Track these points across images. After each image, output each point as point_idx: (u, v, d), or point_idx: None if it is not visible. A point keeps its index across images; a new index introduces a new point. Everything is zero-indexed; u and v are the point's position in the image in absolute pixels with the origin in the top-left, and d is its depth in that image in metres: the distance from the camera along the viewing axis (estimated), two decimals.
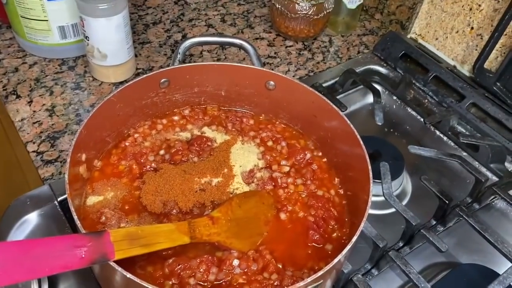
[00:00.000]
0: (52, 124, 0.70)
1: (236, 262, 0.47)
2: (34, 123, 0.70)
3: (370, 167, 0.48)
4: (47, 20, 0.74)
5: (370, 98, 0.81)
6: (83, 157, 0.50)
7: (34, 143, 0.68)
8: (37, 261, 0.31)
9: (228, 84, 0.60)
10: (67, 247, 0.34)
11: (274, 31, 0.92)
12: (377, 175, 0.62)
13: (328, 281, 0.45)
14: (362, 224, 0.42)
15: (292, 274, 0.47)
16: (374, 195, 0.66)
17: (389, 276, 0.59)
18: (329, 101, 0.55)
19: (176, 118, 0.60)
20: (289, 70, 0.84)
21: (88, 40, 0.72)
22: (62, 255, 0.33)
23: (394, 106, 0.82)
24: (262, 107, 0.62)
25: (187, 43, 0.61)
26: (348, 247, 0.40)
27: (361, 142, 0.51)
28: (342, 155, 0.56)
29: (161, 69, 0.55)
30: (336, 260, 0.39)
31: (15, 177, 0.82)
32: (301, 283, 0.37)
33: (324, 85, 0.80)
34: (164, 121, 0.60)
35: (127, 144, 0.57)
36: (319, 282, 0.39)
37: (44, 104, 0.73)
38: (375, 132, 0.78)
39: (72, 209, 0.41)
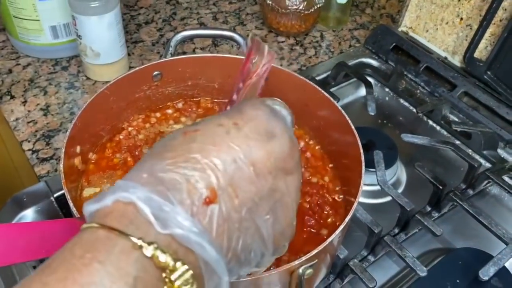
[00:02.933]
0: (47, 123, 0.71)
1: None
2: (28, 122, 0.71)
3: (361, 150, 0.48)
4: (38, 20, 0.75)
5: (362, 91, 0.81)
6: (78, 149, 0.50)
7: (29, 141, 0.68)
8: (33, 244, 0.32)
9: (221, 76, 0.60)
10: (63, 230, 0.34)
11: (266, 27, 0.93)
12: (371, 164, 0.62)
13: (323, 262, 0.45)
14: (355, 205, 0.42)
15: (288, 259, 0.47)
16: (368, 184, 0.67)
17: (385, 263, 0.59)
18: (320, 89, 0.55)
19: (169, 111, 0.61)
20: (281, 65, 0.85)
21: (81, 39, 0.72)
22: (59, 237, 0.33)
23: (387, 98, 0.82)
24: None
25: (179, 36, 0.61)
26: (342, 226, 0.40)
27: (353, 128, 0.51)
28: (335, 142, 0.56)
29: (154, 62, 0.56)
30: (330, 239, 0.39)
31: (9, 176, 0.82)
32: (296, 262, 0.38)
33: (316, 78, 0.80)
34: (158, 114, 0.60)
35: (121, 137, 0.57)
36: (314, 262, 0.39)
37: (38, 104, 0.74)
38: (368, 124, 0.78)
39: (67, 196, 0.41)
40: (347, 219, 0.41)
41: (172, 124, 0.60)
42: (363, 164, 0.47)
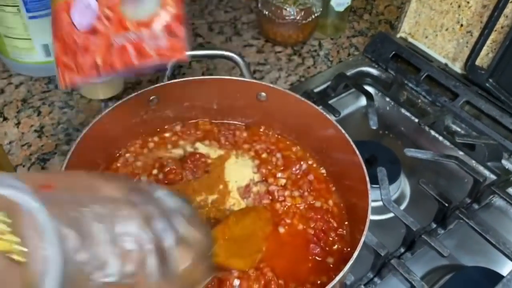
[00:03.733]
0: (42, 146, 0.69)
1: (236, 282, 0.46)
2: (23, 145, 0.69)
3: (367, 178, 0.47)
4: (30, 39, 0.73)
5: (363, 101, 0.80)
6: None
7: (24, 166, 0.66)
8: None
9: (219, 97, 0.59)
10: None
11: (262, 37, 0.91)
12: (374, 180, 0.61)
13: None
14: (363, 239, 0.41)
15: None
16: (372, 201, 0.65)
17: (392, 283, 0.58)
18: (321, 110, 0.54)
19: (167, 135, 0.59)
20: (279, 77, 0.83)
21: None
22: None
23: (388, 108, 0.81)
24: (255, 119, 0.61)
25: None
26: (349, 264, 0.39)
27: (356, 150, 0.50)
28: (339, 164, 0.55)
29: (150, 87, 0.54)
30: (338, 278, 0.38)
31: None
32: None
33: (315, 90, 0.79)
34: (156, 138, 0.59)
35: (118, 165, 0.55)
36: None
37: (32, 125, 0.72)
38: (370, 136, 0.77)
39: None
40: (355, 253, 0.40)
41: (171, 149, 0.58)
42: (370, 197, 0.46)
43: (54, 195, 0.28)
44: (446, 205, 0.60)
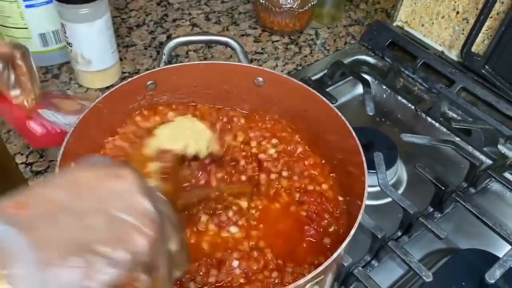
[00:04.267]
0: None
1: (235, 262, 0.46)
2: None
3: (364, 158, 0.47)
4: (26, 28, 0.73)
5: (360, 89, 0.80)
6: (72, 165, 0.49)
7: (22, 154, 0.66)
8: None
9: (216, 83, 0.59)
10: None
11: (259, 26, 0.91)
12: (371, 165, 0.61)
13: (329, 276, 0.44)
14: (359, 219, 0.41)
15: (292, 270, 0.47)
16: (369, 186, 0.65)
17: (389, 266, 0.59)
18: (318, 94, 0.54)
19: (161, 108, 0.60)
20: (277, 65, 0.83)
21: (71, 46, 0.71)
22: None
23: (384, 95, 0.81)
24: (253, 104, 0.61)
25: (172, 43, 0.60)
26: (346, 242, 0.39)
27: (353, 133, 0.50)
28: (335, 148, 0.55)
29: (147, 72, 0.54)
30: (334, 256, 0.38)
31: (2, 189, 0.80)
32: (302, 281, 0.37)
33: (313, 78, 0.79)
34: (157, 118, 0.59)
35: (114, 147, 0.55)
36: (320, 278, 0.38)
37: None
38: (367, 123, 0.77)
39: None
40: (351, 232, 0.40)
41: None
42: (366, 174, 0.46)
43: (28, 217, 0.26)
44: (443, 188, 0.60)
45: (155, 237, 0.28)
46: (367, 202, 0.65)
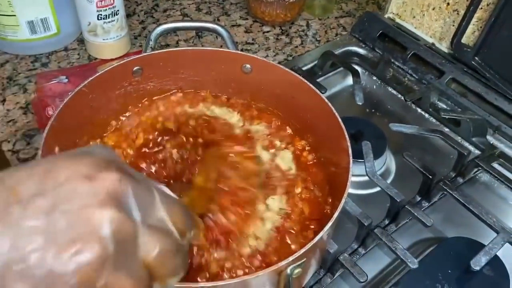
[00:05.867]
0: (27, 122, 0.69)
1: None
2: (8, 121, 0.68)
3: (348, 142, 0.47)
4: (14, 15, 0.72)
5: (350, 80, 0.80)
6: (56, 150, 0.49)
7: (9, 142, 0.66)
8: None
9: (203, 70, 0.59)
10: None
11: (250, 17, 0.91)
12: (359, 155, 0.61)
13: (312, 260, 0.44)
14: (342, 202, 0.41)
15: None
16: (357, 175, 0.66)
17: (376, 255, 0.59)
18: (305, 81, 0.54)
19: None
20: (267, 56, 0.83)
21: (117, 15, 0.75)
22: None
23: (374, 87, 0.81)
24: (240, 92, 0.61)
25: (159, 29, 0.59)
26: (328, 225, 0.39)
27: (339, 119, 0.50)
28: (322, 135, 0.55)
29: (133, 57, 0.54)
30: (316, 239, 0.38)
31: None
32: (283, 262, 0.37)
33: (303, 68, 0.79)
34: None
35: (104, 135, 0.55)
36: (302, 260, 0.38)
37: (18, 103, 0.71)
38: (357, 113, 0.77)
39: None
40: (335, 215, 0.40)
41: None
42: (351, 156, 0.46)
43: None
44: (430, 177, 0.60)
45: (89, 260, 0.25)
46: (354, 191, 0.67)
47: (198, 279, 0.43)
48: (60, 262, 0.25)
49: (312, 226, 0.49)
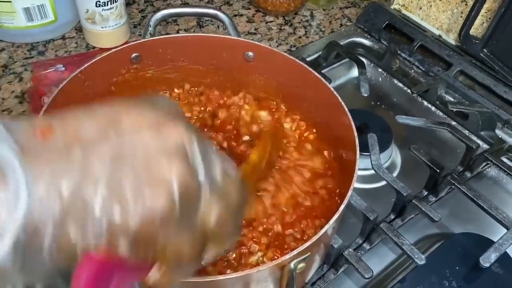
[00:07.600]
0: (23, 111, 0.67)
1: None
2: (3, 110, 0.67)
3: (355, 133, 0.45)
4: (10, 1, 0.70)
5: (355, 72, 0.78)
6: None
7: None
8: None
9: (204, 58, 0.57)
10: None
11: (253, 6, 0.89)
12: (365, 148, 0.59)
13: (316, 255, 0.42)
14: (348, 195, 0.39)
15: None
16: (363, 169, 0.64)
17: (381, 250, 0.57)
18: (310, 68, 0.52)
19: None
20: (270, 46, 0.81)
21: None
22: None
23: (380, 79, 0.79)
24: (242, 80, 0.59)
25: (159, 15, 0.57)
26: (333, 219, 0.37)
27: (346, 109, 0.48)
28: (327, 126, 0.53)
29: (131, 43, 0.52)
30: (321, 233, 0.36)
31: None
32: (287, 256, 0.35)
33: (307, 59, 0.77)
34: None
35: None
36: (307, 255, 0.36)
37: (13, 91, 0.69)
38: (361, 106, 0.75)
39: None
40: (341, 208, 0.38)
41: None
42: (358, 148, 0.44)
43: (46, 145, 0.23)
44: (438, 171, 0.58)
45: (153, 214, 0.24)
46: (359, 185, 0.65)
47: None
48: (123, 215, 0.23)
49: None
